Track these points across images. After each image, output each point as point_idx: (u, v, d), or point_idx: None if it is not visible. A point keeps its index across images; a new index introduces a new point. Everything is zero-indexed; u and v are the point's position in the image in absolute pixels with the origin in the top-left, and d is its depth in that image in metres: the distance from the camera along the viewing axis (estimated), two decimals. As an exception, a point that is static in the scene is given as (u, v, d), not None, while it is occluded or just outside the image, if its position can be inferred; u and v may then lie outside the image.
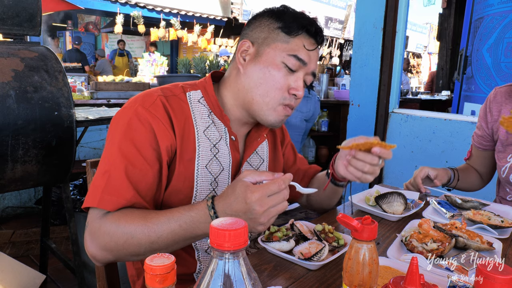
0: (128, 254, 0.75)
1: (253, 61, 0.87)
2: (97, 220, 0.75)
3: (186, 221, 0.72)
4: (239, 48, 0.89)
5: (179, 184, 0.84)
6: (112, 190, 0.75)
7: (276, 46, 0.85)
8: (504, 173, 1.23)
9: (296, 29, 0.85)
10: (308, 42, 0.86)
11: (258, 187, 0.68)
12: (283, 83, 0.85)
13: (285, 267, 0.78)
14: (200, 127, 0.87)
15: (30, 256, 2.35)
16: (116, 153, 0.78)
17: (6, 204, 2.89)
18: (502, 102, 1.25)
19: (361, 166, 0.84)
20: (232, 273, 0.40)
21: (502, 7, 2.64)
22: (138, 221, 0.73)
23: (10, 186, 1.59)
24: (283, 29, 0.85)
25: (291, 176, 0.71)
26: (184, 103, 0.87)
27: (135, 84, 3.49)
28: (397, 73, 2.64)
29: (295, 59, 0.85)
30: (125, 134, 0.79)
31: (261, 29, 0.88)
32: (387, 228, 1.00)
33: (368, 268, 0.55)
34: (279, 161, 1.07)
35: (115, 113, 0.85)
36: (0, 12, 1.56)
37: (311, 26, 0.86)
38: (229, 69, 0.93)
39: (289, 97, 0.87)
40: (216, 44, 9.43)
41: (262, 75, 0.85)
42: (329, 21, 10.90)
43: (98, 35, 10.66)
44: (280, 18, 0.86)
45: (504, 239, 0.92)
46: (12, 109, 1.47)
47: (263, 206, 0.67)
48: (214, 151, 0.88)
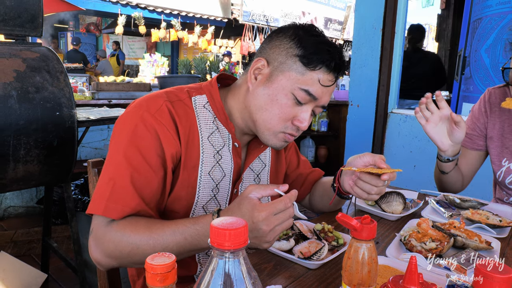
0: (132, 262, 0.76)
1: (263, 84, 0.83)
2: (102, 228, 0.75)
3: (191, 234, 0.72)
4: (253, 64, 0.85)
5: (182, 191, 0.84)
6: (117, 198, 0.75)
7: (290, 75, 0.81)
8: (500, 177, 1.22)
9: (315, 62, 0.79)
10: (324, 78, 0.81)
11: (265, 206, 0.67)
12: (288, 114, 0.82)
13: (285, 266, 0.79)
14: (205, 133, 0.86)
15: (31, 255, 2.36)
16: (122, 160, 0.77)
17: (8, 204, 2.90)
18: (496, 104, 1.24)
19: (368, 189, 0.85)
20: (232, 272, 0.40)
21: (500, 8, 2.64)
22: (143, 232, 0.73)
23: (12, 186, 1.60)
24: (301, 58, 0.80)
25: (296, 192, 0.71)
26: (189, 108, 0.85)
27: (136, 84, 3.50)
28: (396, 74, 2.64)
29: (305, 94, 0.81)
30: (130, 141, 0.78)
31: (279, 51, 0.83)
32: (386, 227, 1.00)
33: (367, 267, 0.56)
34: (281, 165, 1.06)
35: (119, 116, 0.84)
36: (2, 13, 1.57)
37: (331, 61, 0.80)
38: (241, 81, 0.91)
39: (291, 127, 0.84)
40: (217, 45, 9.45)
41: (269, 101, 0.82)
42: (328, 22, 10.91)
43: (99, 36, 10.68)
44: (302, 45, 0.81)
45: (502, 239, 0.92)
46: (14, 109, 1.47)
47: (270, 225, 0.67)
48: (217, 157, 0.87)
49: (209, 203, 0.88)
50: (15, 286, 1.82)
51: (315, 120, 4.34)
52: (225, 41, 9.65)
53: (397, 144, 2.62)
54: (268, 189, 0.71)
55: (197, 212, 0.87)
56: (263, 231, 0.67)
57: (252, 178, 0.97)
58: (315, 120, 4.33)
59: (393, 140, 2.63)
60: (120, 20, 7.89)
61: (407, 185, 1.38)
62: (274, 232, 0.68)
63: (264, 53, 0.86)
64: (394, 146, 2.65)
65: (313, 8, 10.22)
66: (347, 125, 2.91)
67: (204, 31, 9.08)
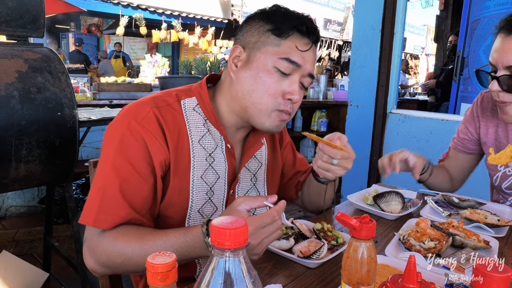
0: (125, 271, 0.77)
1: (244, 68, 0.83)
2: (94, 238, 0.76)
3: (182, 245, 0.72)
4: (230, 54, 0.86)
5: (174, 197, 0.83)
6: (107, 209, 0.75)
7: (267, 50, 0.81)
8: (497, 182, 1.21)
9: (287, 30, 0.81)
10: (300, 43, 0.82)
11: (253, 220, 0.67)
12: (276, 89, 0.82)
13: (284, 265, 0.79)
14: (195, 137, 0.85)
15: (33, 254, 2.37)
16: (110, 170, 0.77)
17: (10, 203, 2.91)
18: (488, 108, 1.22)
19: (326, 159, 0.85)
20: (232, 271, 0.40)
21: (498, 9, 2.65)
22: (134, 242, 0.73)
23: (13, 186, 1.61)
24: (273, 31, 0.81)
25: (284, 203, 0.71)
26: (177, 113, 0.84)
27: (137, 85, 3.51)
28: (395, 74, 2.65)
29: (288, 62, 0.81)
30: (118, 150, 0.77)
31: (251, 33, 0.84)
32: (385, 226, 1.01)
33: (367, 266, 0.56)
34: (277, 163, 1.05)
35: (109, 123, 0.83)
36: (4, 14, 1.57)
37: (302, 25, 0.81)
38: (223, 75, 0.91)
39: (283, 102, 0.83)
40: (217, 46, 9.45)
41: (253, 81, 0.82)
42: (328, 23, 10.92)
43: (100, 36, 10.69)
44: (270, 19, 0.82)
45: (501, 238, 0.93)
46: (16, 110, 1.48)
47: (258, 239, 0.68)
48: (210, 160, 0.86)
49: (205, 207, 0.87)
50: (17, 285, 1.83)
51: (314, 120, 4.35)
52: (225, 42, 9.65)
53: (396, 144, 2.62)
54: (257, 201, 0.71)
55: (193, 216, 0.86)
56: (251, 244, 0.67)
57: (249, 178, 0.96)
58: (315, 120, 4.34)
59: (392, 140, 2.64)
60: (123, 21, 7.91)
61: (406, 185, 1.39)
62: (262, 245, 0.69)
63: (238, 41, 0.87)
64: (393, 146, 2.65)
65: (312, 9, 10.22)
66: (347, 125, 2.92)
67: (205, 32, 9.08)
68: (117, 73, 7.61)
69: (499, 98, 1.04)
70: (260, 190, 0.99)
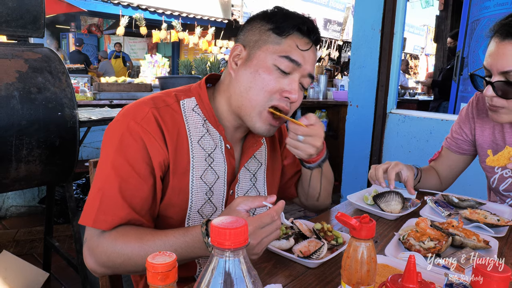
0: (126, 271, 0.78)
1: (244, 66, 0.84)
2: (94, 238, 0.76)
3: (181, 246, 0.72)
4: (231, 52, 0.86)
5: (174, 197, 0.83)
6: (106, 209, 0.75)
7: (267, 48, 0.82)
8: (494, 184, 1.21)
9: (288, 29, 0.81)
10: (301, 42, 0.82)
11: (252, 220, 0.67)
12: (273, 86, 0.82)
13: (284, 265, 0.79)
14: (194, 137, 0.85)
15: (33, 254, 2.37)
16: (109, 170, 0.77)
17: (10, 203, 2.91)
18: (484, 109, 1.21)
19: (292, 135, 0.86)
20: (232, 271, 0.40)
21: (498, 9, 2.66)
22: (134, 243, 0.73)
23: (14, 185, 1.61)
24: (274, 30, 0.82)
25: (283, 203, 0.71)
26: (177, 113, 0.84)
27: (137, 85, 3.51)
28: (394, 74, 2.65)
29: (288, 61, 0.81)
30: (117, 150, 0.78)
31: (252, 32, 0.85)
32: (385, 226, 1.01)
33: (366, 266, 0.56)
34: (277, 162, 1.05)
35: (108, 124, 0.84)
36: (4, 14, 1.58)
37: (303, 24, 0.82)
38: (223, 75, 0.91)
39: (278, 98, 0.83)
40: (217, 46, 9.46)
41: (252, 78, 0.82)
42: (328, 23, 10.93)
43: (100, 37, 10.71)
44: (271, 19, 0.84)
45: (500, 238, 0.93)
46: (16, 110, 1.49)
47: (257, 238, 0.68)
48: (209, 160, 0.87)
49: (204, 207, 0.87)
50: (17, 285, 1.83)
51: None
52: (225, 42, 9.66)
53: (396, 144, 2.63)
54: (256, 201, 0.71)
55: (193, 217, 0.86)
56: (251, 244, 0.68)
57: (248, 178, 0.96)
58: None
59: (392, 140, 2.64)
60: (123, 21, 7.91)
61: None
62: (261, 245, 0.69)
63: (239, 41, 0.88)
64: (393, 146, 2.65)
65: (313, 9, 10.23)
66: (346, 125, 2.92)
67: (205, 32, 9.09)
68: (117, 73, 7.62)
69: (492, 103, 1.03)
70: (260, 190, 0.99)
